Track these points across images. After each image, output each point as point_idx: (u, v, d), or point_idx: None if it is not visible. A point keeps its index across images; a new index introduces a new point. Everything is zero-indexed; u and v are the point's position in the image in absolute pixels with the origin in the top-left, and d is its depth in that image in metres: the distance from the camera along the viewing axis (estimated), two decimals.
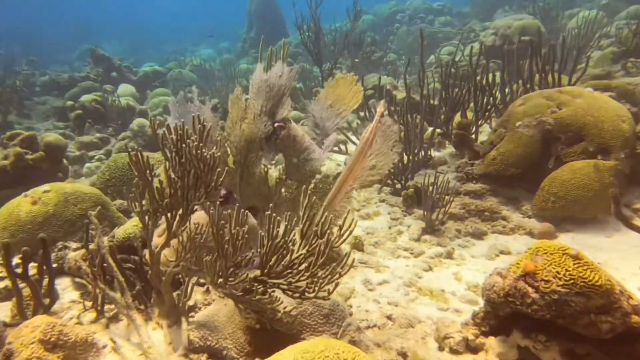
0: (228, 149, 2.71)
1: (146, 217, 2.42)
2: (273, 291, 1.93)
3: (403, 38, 12.51)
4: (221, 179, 2.17)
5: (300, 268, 1.90)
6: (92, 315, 2.79)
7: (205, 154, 2.11)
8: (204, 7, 43.43)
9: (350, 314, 2.63)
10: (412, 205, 3.96)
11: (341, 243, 1.87)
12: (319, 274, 1.83)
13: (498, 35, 7.96)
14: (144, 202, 2.40)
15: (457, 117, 5.01)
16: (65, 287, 3.17)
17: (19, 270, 2.46)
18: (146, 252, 3.21)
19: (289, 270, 1.92)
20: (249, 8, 17.57)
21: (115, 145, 5.98)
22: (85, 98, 7.36)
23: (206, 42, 27.10)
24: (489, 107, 4.51)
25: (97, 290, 2.74)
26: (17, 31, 25.12)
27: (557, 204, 3.15)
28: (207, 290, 2.94)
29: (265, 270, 1.94)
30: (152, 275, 2.59)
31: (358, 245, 3.44)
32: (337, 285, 1.79)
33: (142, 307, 2.81)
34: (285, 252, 1.88)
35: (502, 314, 1.79)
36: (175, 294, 2.76)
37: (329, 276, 1.78)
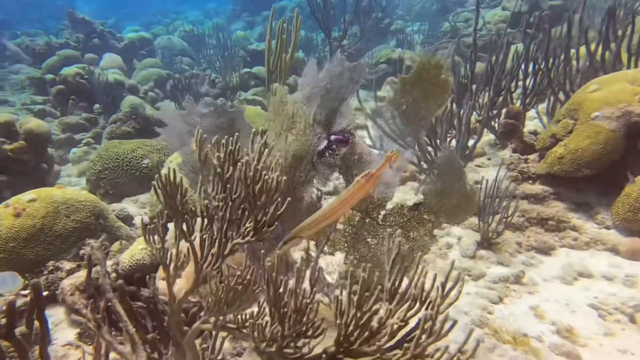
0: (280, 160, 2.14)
1: (168, 257, 1.87)
2: None
3: (410, 2, 11.61)
4: (280, 212, 1.61)
5: (391, 344, 1.40)
6: None
7: (266, 176, 1.54)
8: None
9: None
10: None
11: (447, 309, 1.34)
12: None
13: (525, 0, 7.24)
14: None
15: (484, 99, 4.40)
16: (58, 322, 2.63)
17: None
18: (161, 286, 2.66)
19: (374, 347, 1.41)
20: None
21: (106, 130, 5.27)
22: (67, 71, 6.52)
23: (191, 1, 25.44)
24: (542, 89, 3.93)
25: (101, 340, 2.21)
26: None
27: None
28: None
29: (343, 347, 1.43)
30: (172, 324, 2.06)
31: None
32: None
33: (155, 355, 2.31)
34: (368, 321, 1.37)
35: None
36: (198, 345, 2.26)
37: None
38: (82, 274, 2.75)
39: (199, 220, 1.78)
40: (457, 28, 8.42)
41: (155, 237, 1.77)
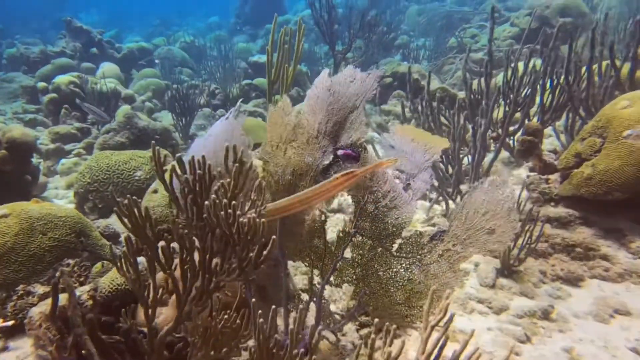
0: (263, 182, 1.86)
1: (145, 289, 1.62)
2: None
3: (414, 18, 11.51)
4: (265, 253, 1.34)
5: None
6: None
7: (242, 219, 1.28)
8: None
9: None
10: None
11: None
12: None
13: (534, 16, 7.08)
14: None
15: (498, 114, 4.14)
16: (24, 357, 2.31)
17: None
18: (140, 314, 2.32)
19: None
20: None
21: (98, 140, 5.01)
22: (60, 80, 6.29)
23: (194, 15, 25.57)
24: (561, 105, 3.68)
25: None
26: None
27: None
28: None
29: None
30: None
31: None
32: None
33: None
34: None
35: None
36: None
37: None
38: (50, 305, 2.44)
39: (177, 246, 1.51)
40: (464, 44, 8.26)
41: (129, 266, 1.50)
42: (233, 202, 1.27)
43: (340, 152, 1.71)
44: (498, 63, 5.73)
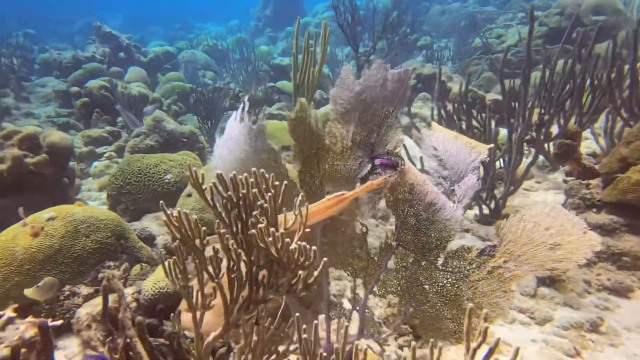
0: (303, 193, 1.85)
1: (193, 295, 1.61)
2: None
3: (436, 19, 11.39)
4: (313, 278, 1.31)
5: None
6: None
7: (289, 246, 1.24)
8: None
9: None
10: None
11: None
12: None
13: (565, 15, 6.92)
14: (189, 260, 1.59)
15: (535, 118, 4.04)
16: (72, 356, 2.36)
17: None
18: (185, 318, 2.35)
19: None
20: None
21: (129, 144, 5.11)
22: (92, 84, 6.44)
23: (214, 18, 25.90)
24: (601, 107, 3.59)
25: None
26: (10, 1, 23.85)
27: None
28: None
29: None
30: None
31: None
32: None
33: None
34: None
35: None
36: None
37: None
38: (99, 302, 2.49)
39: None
40: (490, 44, 8.12)
41: (178, 273, 1.50)
42: (281, 230, 1.24)
43: (377, 161, 1.68)
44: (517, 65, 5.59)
